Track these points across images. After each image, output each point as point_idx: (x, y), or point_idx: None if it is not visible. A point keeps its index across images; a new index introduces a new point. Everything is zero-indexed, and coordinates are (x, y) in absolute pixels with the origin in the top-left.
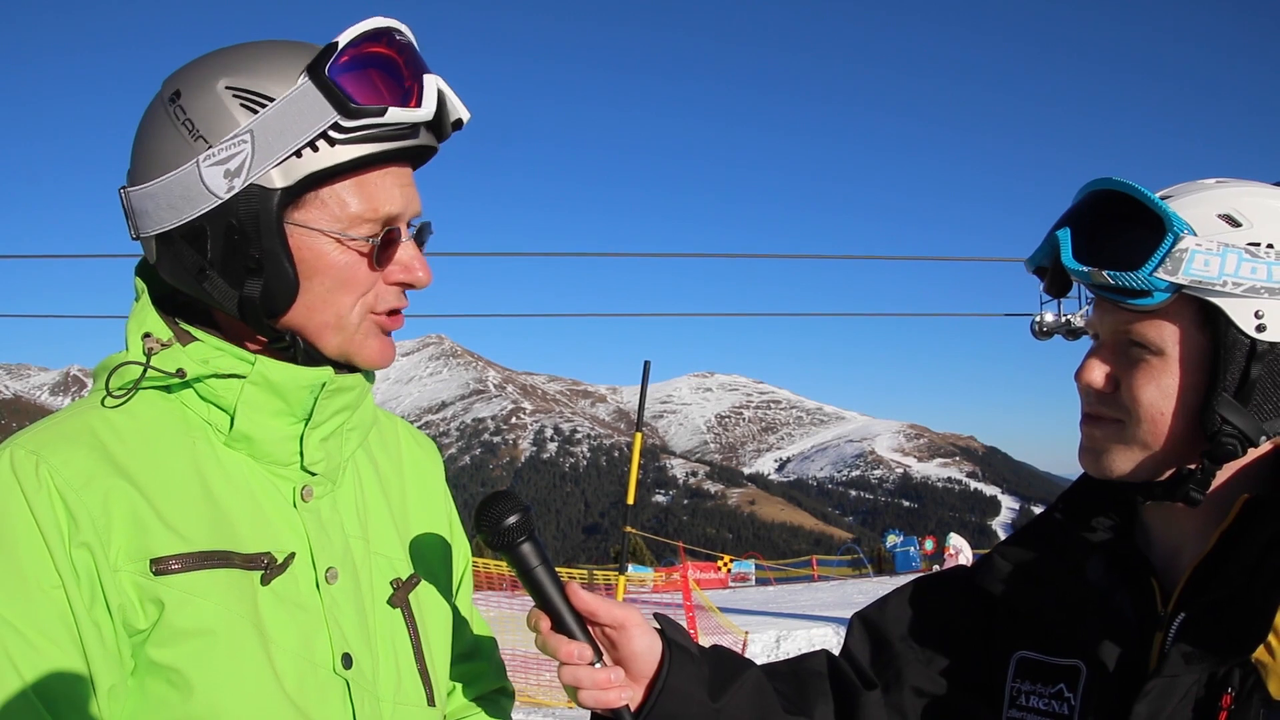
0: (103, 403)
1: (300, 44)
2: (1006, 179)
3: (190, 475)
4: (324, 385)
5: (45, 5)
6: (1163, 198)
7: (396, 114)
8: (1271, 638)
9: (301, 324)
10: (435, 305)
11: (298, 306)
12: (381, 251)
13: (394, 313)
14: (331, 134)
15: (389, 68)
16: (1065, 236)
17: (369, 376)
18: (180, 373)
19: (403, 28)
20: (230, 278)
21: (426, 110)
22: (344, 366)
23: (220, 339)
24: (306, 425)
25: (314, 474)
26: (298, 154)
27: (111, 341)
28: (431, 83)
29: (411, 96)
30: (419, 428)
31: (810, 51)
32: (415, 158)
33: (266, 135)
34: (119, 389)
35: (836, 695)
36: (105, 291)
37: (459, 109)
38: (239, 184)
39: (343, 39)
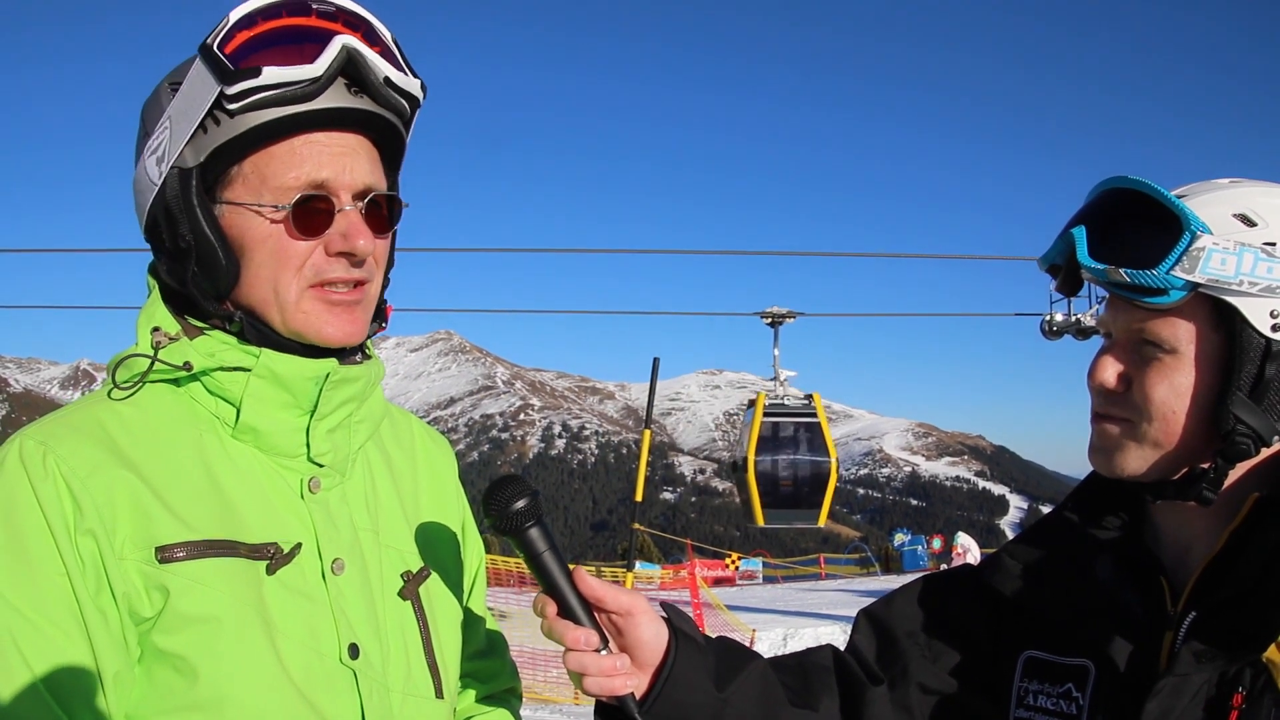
0: (110, 395)
1: None
2: (1016, 178)
3: (197, 466)
4: (328, 376)
5: (48, 5)
6: (1177, 196)
7: (274, 74)
8: None
9: (247, 302)
10: (444, 301)
11: (242, 285)
12: (306, 219)
13: (355, 285)
14: (228, 105)
15: (293, 36)
16: (1080, 234)
17: (376, 368)
18: (187, 366)
19: None
20: (179, 262)
21: (316, 67)
22: (349, 355)
23: (226, 334)
24: (312, 417)
25: (321, 465)
26: (203, 129)
27: (122, 335)
28: (336, 41)
29: (300, 56)
30: (427, 424)
31: (818, 54)
32: (365, 129)
33: (178, 117)
34: (126, 381)
35: (842, 690)
36: (115, 285)
37: (378, 65)
38: (165, 168)
39: (235, 13)
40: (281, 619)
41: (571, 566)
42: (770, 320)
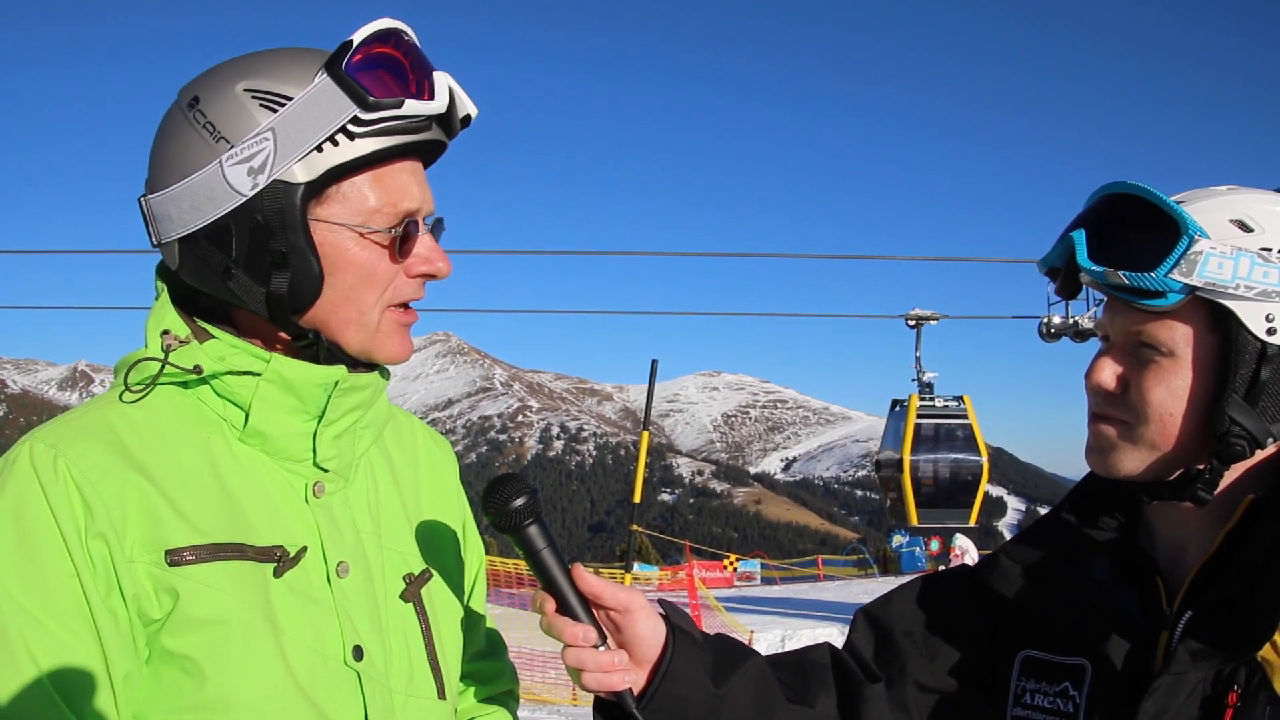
0: (120, 398)
1: (310, 49)
2: (1014, 183)
3: (205, 469)
4: (337, 384)
5: (49, 10)
6: (1176, 202)
7: (413, 106)
8: (1277, 636)
9: (324, 320)
10: (442, 301)
11: (321, 302)
12: (402, 244)
13: (408, 308)
14: (350, 128)
15: (398, 66)
16: (1080, 237)
17: (384, 375)
18: (197, 369)
19: (409, 30)
20: (256, 275)
21: (440, 103)
22: (360, 364)
23: (237, 337)
24: (320, 422)
25: (326, 470)
26: (318, 149)
27: (120, 337)
28: (442, 79)
29: (424, 91)
30: (428, 425)
31: (820, 56)
32: (427, 154)
33: (288, 131)
34: (137, 385)
35: (839, 688)
36: (114, 286)
37: (467, 104)
38: (263, 180)
39: (356, 37)
40: (287, 622)
41: (570, 564)
42: (914, 323)
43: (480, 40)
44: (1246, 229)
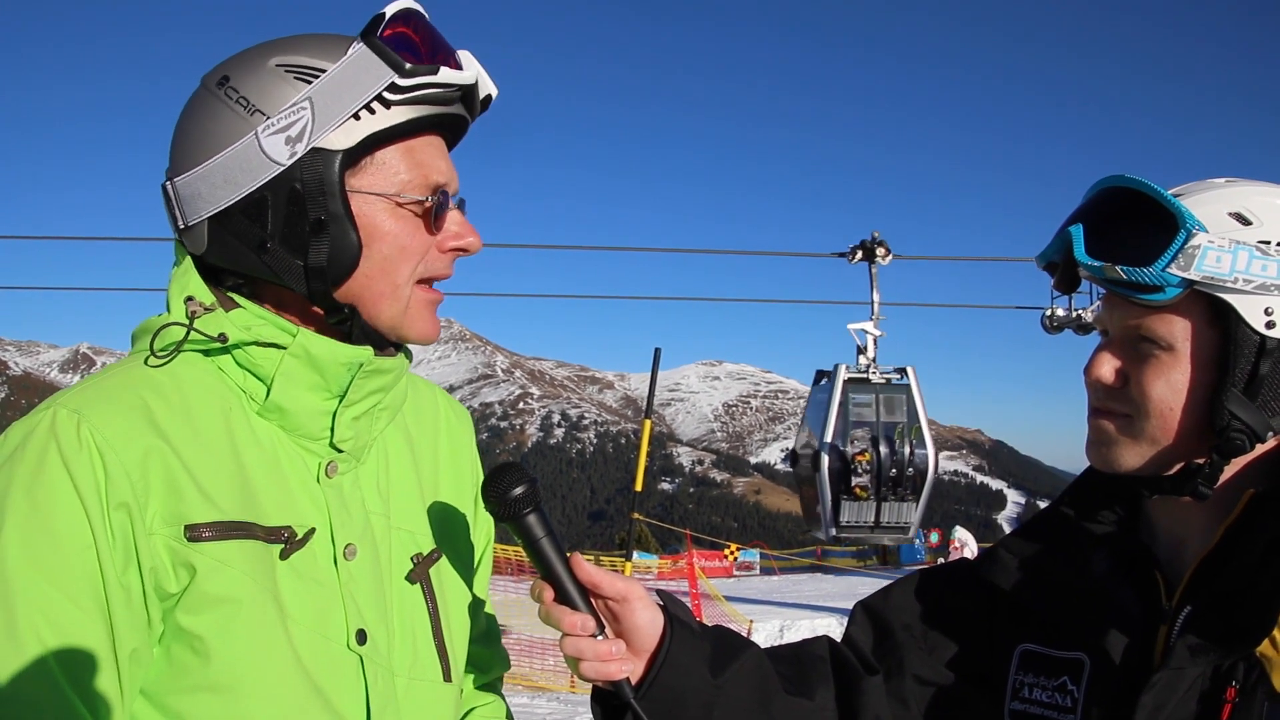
0: (145, 362)
1: (332, 34)
2: (1016, 176)
3: (224, 442)
4: (362, 365)
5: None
6: (1174, 195)
7: (448, 74)
8: (1276, 632)
9: (359, 294)
10: (444, 285)
11: (357, 275)
12: (436, 216)
13: (434, 288)
14: (387, 95)
15: (424, 43)
16: (1078, 232)
17: (407, 357)
18: (222, 337)
19: (425, 14)
20: (293, 246)
21: (470, 74)
22: (386, 345)
23: (263, 309)
24: (340, 402)
25: (341, 451)
26: (355, 116)
27: (123, 319)
28: (468, 55)
29: (453, 65)
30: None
31: (820, 48)
32: (451, 132)
33: (325, 99)
34: (162, 350)
35: (838, 680)
36: (117, 269)
37: (489, 84)
38: (301, 149)
39: (388, 10)
40: (292, 604)
41: (569, 554)
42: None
43: (478, 23)
44: (1245, 222)
